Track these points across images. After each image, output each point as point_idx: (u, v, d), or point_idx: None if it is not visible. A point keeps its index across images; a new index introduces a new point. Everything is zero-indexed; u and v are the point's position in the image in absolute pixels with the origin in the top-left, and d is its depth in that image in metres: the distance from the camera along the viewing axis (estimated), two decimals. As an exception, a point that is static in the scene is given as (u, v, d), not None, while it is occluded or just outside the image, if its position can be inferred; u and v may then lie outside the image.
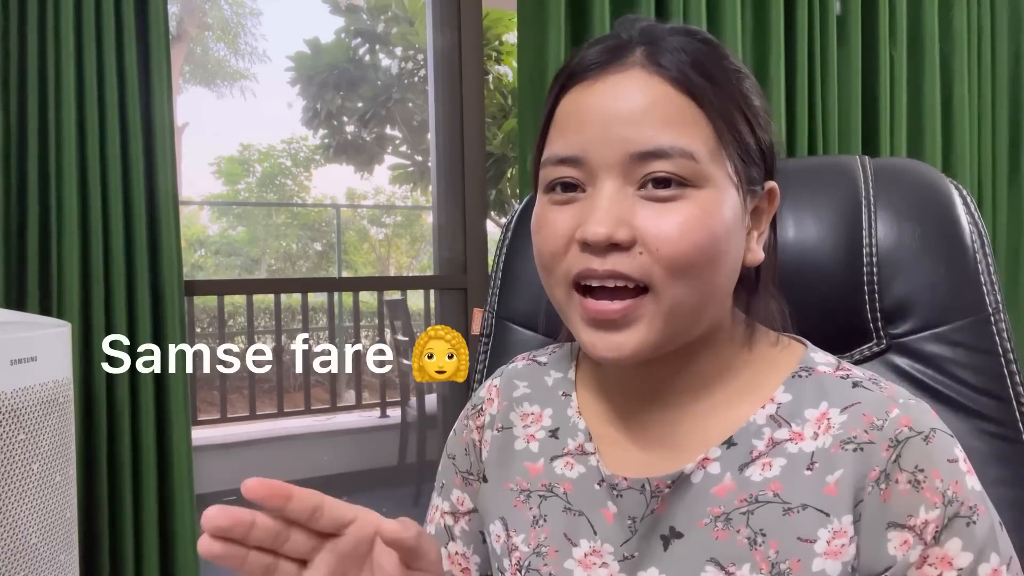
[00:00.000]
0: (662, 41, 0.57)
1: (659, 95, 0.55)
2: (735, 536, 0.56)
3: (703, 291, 0.55)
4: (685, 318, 0.55)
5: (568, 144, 0.57)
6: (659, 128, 0.54)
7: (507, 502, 0.66)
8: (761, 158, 0.59)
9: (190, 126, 9.37)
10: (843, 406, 0.56)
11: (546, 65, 1.69)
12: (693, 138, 0.54)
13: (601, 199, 0.54)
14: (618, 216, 0.54)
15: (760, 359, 0.61)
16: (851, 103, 2.05)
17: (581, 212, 0.55)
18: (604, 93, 0.56)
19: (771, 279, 0.64)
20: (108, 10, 1.42)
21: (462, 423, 0.73)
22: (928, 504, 0.52)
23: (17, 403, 1.02)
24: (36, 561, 1.03)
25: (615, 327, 0.55)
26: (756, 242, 0.60)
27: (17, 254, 1.41)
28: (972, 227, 0.75)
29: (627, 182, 0.55)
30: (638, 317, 0.54)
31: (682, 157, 0.54)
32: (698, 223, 0.53)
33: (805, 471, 0.55)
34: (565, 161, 0.56)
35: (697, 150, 0.54)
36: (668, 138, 0.54)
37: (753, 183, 0.58)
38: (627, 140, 0.54)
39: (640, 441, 0.61)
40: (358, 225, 9.82)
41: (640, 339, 0.55)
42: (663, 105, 0.55)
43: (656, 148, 0.54)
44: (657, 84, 0.55)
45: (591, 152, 0.55)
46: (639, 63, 0.56)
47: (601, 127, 0.55)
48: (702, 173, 0.54)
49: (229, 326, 5.66)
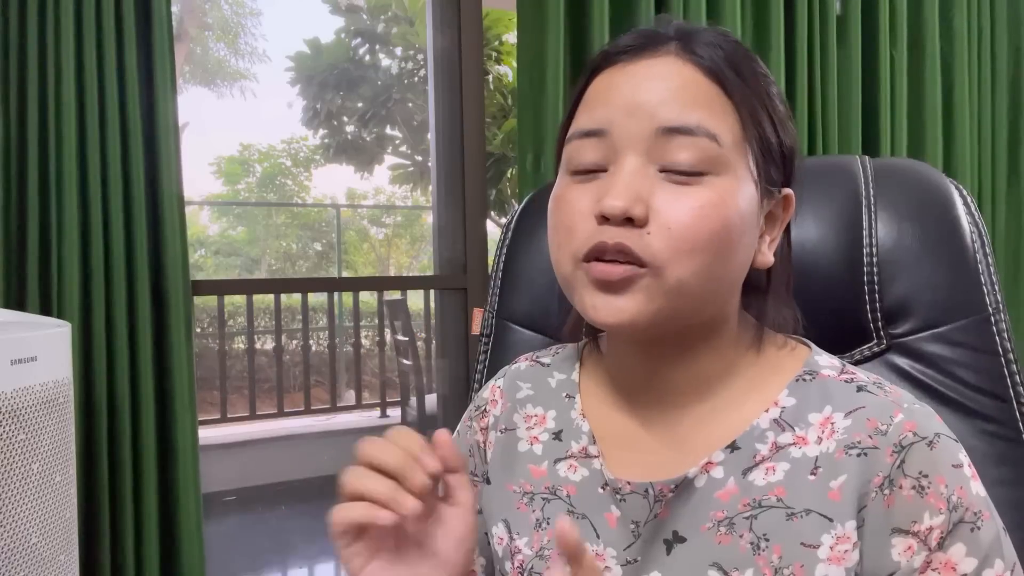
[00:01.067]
0: (697, 35, 0.58)
1: (690, 79, 0.56)
2: (738, 541, 0.55)
3: (708, 275, 0.55)
4: (688, 298, 0.55)
5: (594, 118, 0.57)
6: (687, 108, 0.55)
7: (510, 504, 0.66)
8: (782, 160, 0.60)
9: (190, 126, 9.36)
10: (847, 410, 0.56)
11: (546, 65, 1.69)
12: (719, 123, 0.55)
13: (622, 174, 0.55)
14: (637, 192, 0.54)
15: (764, 361, 0.61)
16: (851, 103, 2.05)
17: (600, 188, 0.56)
18: (636, 73, 0.57)
19: (783, 287, 0.64)
20: (108, 10, 1.42)
21: (465, 424, 0.73)
22: (933, 510, 0.52)
23: (17, 403, 1.02)
24: (36, 561, 1.03)
25: (616, 290, 0.55)
26: (768, 246, 0.61)
27: (17, 254, 1.40)
28: (972, 227, 0.75)
29: (649, 161, 0.55)
30: (640, 287, 0.54)
31: (706, 138, 0.54)
32: (713, 209, 0.54)
33: (809, 476, 0.55)
34: (590, 134, 0.57)
35: (722, 134, 0.55)
36: (695, 117, 0.55)
37: (771, 183, 0.59)
38: (654, 115, 0.55)
39: (643, 443, 0.61)
40: (358, 225, 9.82)
41: (640, 306, 0.55)
42: (693, 88, 0.56)
43: (682, 124, 0.54)
44: (689, 70, 0.56)
45: (617, 125, 0.56)
46: (674, 51, 0.57)
47: (630, 102, 0.56)
48: (723, 159, 0.55)
49: (229, 326, 5.66)
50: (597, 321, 0.57)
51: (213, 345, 5.02)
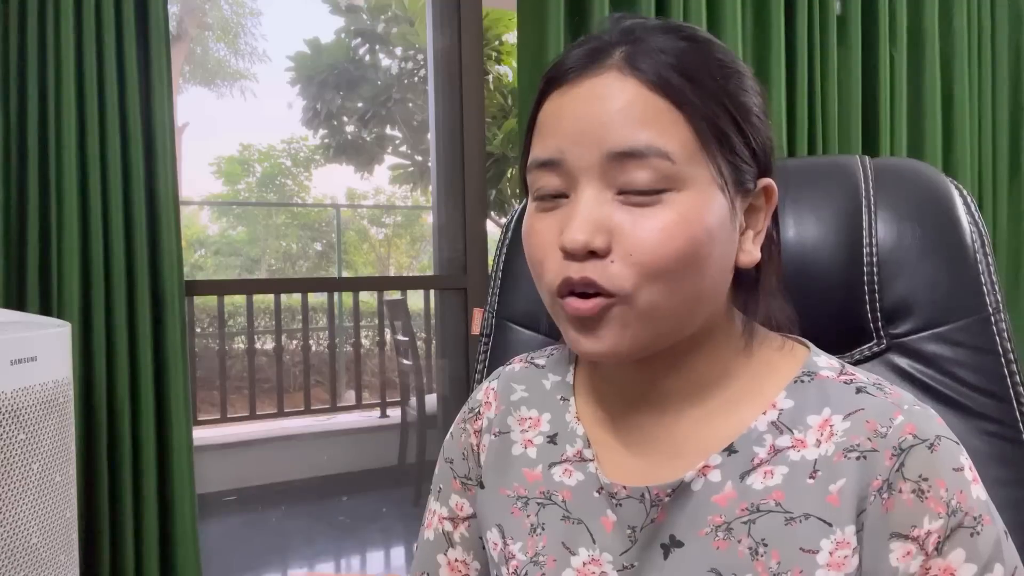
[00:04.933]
0: (642, 42, 0.55)
1: (634, 97, 0.54)
2: (736, 546, 0.55)
3: (682, 296, 0.54)
4: (664, 321, 0.55)
5: (546, 148, 0.56)
6: (634, 128, 0.53)
7: (504, 509, 0.65)
8: (752, 157, 0.58)
9: (190, 126, 9.38)
10: (846, 412, 0.55)
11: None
12: (670, 138, 0.53)
13: (580, 205, 0.54)
14: (596, 222, 0.53)
15: (761, 362, 0.60)
16: (851, 103, 2.06)
17: (564, 217, 0.55)
18: (580, 96, 0.55)
19: (772, 279, 0.63)
20: (108, 10, 1.42)
21: (459, 427, 0.72)
22: (932, 514, 0.51)
23: (17, 403, 1.01)
24: (36, 561, 1.03)
25: (592, 325, 0.55)
26: (752, 242, 0.59)
27: (17, 254, 1.41)
28: (972, 227, 0.75)
29: (605, 186, 0.54)
30: (612, 318, 0.54)
31: (658, 157, 0.53)
32: (677, 229, 0.53)
33: (807, 480, 0.54)
34: (545, 165, 0.56)
35: (674, 151, 0.53)
36: (644, 138, 0.53)
37: (743, 183, 0.57)
38: (601, 140, 0.54)
39: (639, 447, 0.61)
40: (358, 225, 9.82)
41: (617, 338, 0.54)
42: (639, 106, 0.54)
43: (630, 148, 0.53)
44: (632, 86, 0.54)
45: (568, 155, 0.55)
46: (616, 66, 0.55)
47: (576, 129, 0.55)
48: (680, 175, 0.53)
49: (229, 326, 5.66)
50: (581, 354, 0.57)
51: (213, 345, 5.02)
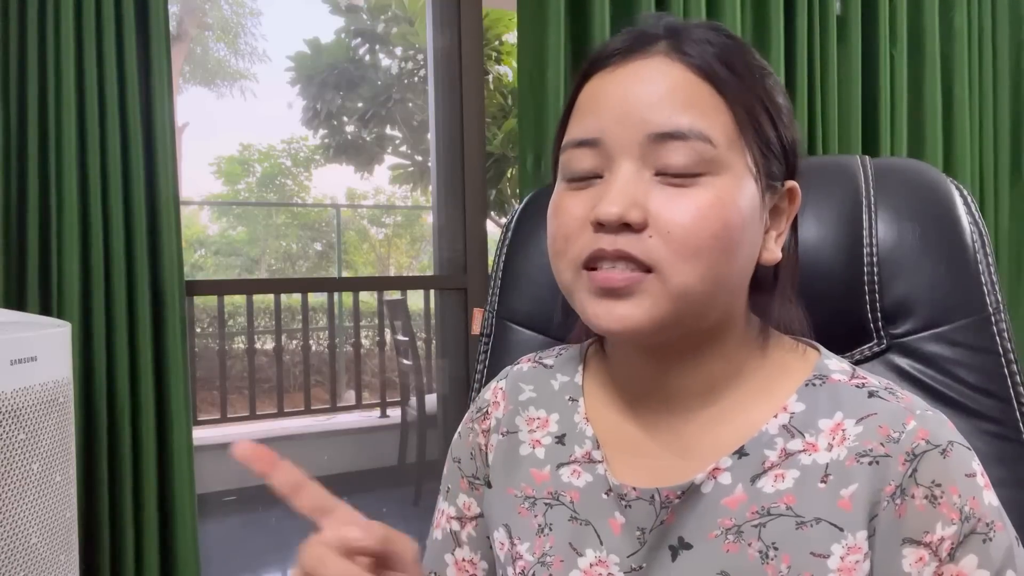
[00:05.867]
0: (687, 33, 0.57)
1: (680, 80, 0.55)
2: (746, 549, 0.54)
3: (713, 278, 0.54)
4: (693, 303, 0.54)
5: (586, 127, 0.57)
6: (678, 111, 0.54)
7: (511, 509, 0.65)
8: (783, 154, 0.59)
9: (190, 126, 9.37)
10: (858, 417, 0.55)
11: (546, 65, 1.69)
12: (712, 123, 0.54)
13: (616, 181, 0.54)
14: (632, 197, 0.53)
15: (773, 364, 0.60)
16: (851, 103, 2.05)
17: (597, 195, 0.55)
18: (625, 78, 0.56)
19: (790, 283, 0.63)
20: (108, 10, 1.42)
21: (467, 426, 0.72)
22: (945, 520, 0.51)
23: (17, 403, 1.01)
24: (36, 561, 1.03)
25: (620, 296, 0.54)
26: (774, 242, 0.60)
27: (17, 254, 1.40)
28: (972, 227, 0.75)
29: (644, 165, 0.54)
30: (643, 291, 0.54)
31: (699, 140, 0.53)
32: (712, 210, 0.53)
33: (819, 484, 0.54)
34: (583, 144, 0.56)
35: (715, 135, 0.54)
36: (686, 120, 0.54)
37: (773, 178, 0.58)
38: (645, 121, 0.54)
39: (648, 447, 0.60)
40: (358, 225, 9.82)
41: (645, 313, 0.54)
42: (683, 90, 0.55)
43: (674, 129, 0.53)
44: (679, 70, 0.55)
45: (608, 134, 0.55)
46: (663, 51, 0.56)
47: (620, 109, 0.55)
48: (719, 159, 0.54)
49: (229, 326, 5.66)
50: (600, 328, 0.56)
51: (213, 345, 5.01)
